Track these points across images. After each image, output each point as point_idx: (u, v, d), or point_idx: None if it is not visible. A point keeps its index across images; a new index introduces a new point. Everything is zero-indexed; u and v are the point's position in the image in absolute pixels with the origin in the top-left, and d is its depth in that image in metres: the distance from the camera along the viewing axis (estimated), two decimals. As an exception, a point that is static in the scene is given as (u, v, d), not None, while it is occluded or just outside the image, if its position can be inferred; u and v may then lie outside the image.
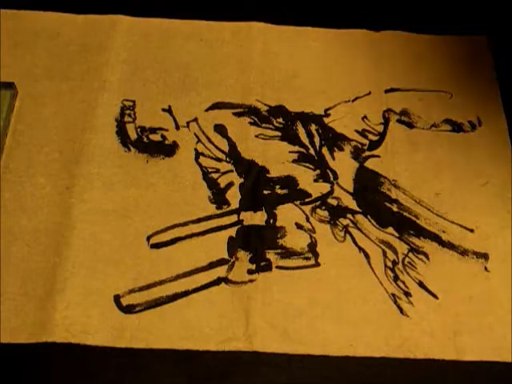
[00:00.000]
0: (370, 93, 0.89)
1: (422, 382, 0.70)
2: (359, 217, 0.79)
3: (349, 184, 0.82)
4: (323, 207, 0.80)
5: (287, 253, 0.76)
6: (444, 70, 0.91)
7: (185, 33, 0.91)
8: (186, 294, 0.72)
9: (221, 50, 0.91)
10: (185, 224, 0.77)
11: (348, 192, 0.81)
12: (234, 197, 0.80)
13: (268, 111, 0.87)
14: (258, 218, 0.78)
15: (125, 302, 0.71)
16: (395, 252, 0.77)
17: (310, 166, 0.83)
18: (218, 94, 0.87)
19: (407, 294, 0.74)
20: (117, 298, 0.72)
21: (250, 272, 0.74)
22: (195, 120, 0.86)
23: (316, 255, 0.76)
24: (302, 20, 0.94)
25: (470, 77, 0.91)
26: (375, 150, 0.85)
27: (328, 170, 0.83)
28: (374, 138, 0.86)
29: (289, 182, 0.81)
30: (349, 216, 0.79)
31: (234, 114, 0.87)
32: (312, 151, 0.84)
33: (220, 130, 0.85)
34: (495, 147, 0.85)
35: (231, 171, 0.82)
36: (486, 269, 0.76)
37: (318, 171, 0.83)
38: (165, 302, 0.72)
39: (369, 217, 0.79)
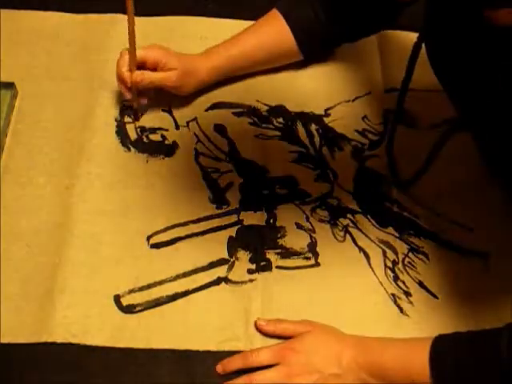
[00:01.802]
0: (370, 93, 0.90)
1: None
2: (359, 217, 0.79)
3: (349, 184, 0.82)
4: (323, 207, 0.80)
5: (287, 253, 0.76)
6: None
7: (184, 31, 0.91)
8: (185, 293, 0.72)
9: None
10: (185, 224, 0.77)
11: (348, 192, 0.81)
12: (234, 197, 0.80)
13: (268, 111, 0.87)
14: (257, 217, 0.78)
15: (125, 301, 0.71)
16: (395, 252, 0.77)
17: (310, 166, 0.83)
18: (218, 93, 0.87)
19: (407, 294, 0.74)
20: (117, 298, 0.71)
21: (250, 272, 0.74)
22: (195, 120, 0.86)
23: (316, 255, 0.76)
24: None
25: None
26: (375, 149, 0.85)
27: (328, 170, 0.83)
28: (374, 138, 0.86)
29: (289, 181, 0.81)
30: (349, 216, 0.79)
31: (234, 113, 0.87)
32: (312, 151, 0.84)
33: (220, 129, 0.85)
34: (495, 147, 0.85)
35: (231, 171, 0.82)
36: (486, 268, 0.76)
37: (318, 171, 0.83)
38: (165, 302, 0.72)
39: (369, 217, 0.79)
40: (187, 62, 0.83)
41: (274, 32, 0.86)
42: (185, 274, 0.74)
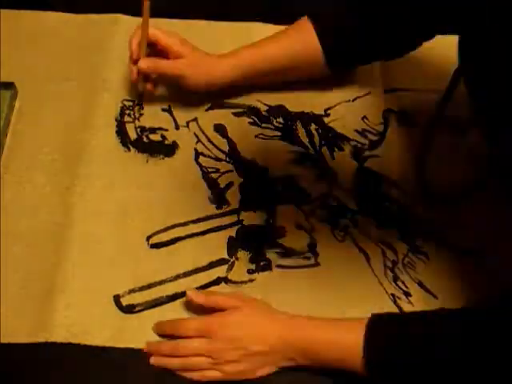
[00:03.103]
0: (369, 93, 0.90)
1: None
2: (359, 217, 0.79)
3: (349, 184, 0.82)
4: (323, 207, 0.80)
5: (287, 252, 0.76)
6: (444, 70, 0.91)
7: (184, 33, 0.91)
8: (185, 293, 0.72)
9: (221, 49, 0.91)
10: (185, 224, 0.77)
11: (348, 192, 0.81)
12: (234, 197, 0.80)
13: (268, 111, 0.87)
14: (257, 217, 0.78)
15: (125, 301, 0.71)
16: (395, 252, 0.77)
17: (310, 166, 0.83)
18: (218, 93, 0.87)
19: (407, 294, 0.74)
20: (117, 298, 0.72)
21: (249, 272, 0.74)
22: (195, 120, 0.86)
23: (316, 255, 0.76)
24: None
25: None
26: (375, 149, 0.85)
27: (328, 170, 0.83)
28: (374, 138, 0.86)
29: (289, 181, 0.81)
30: (349, 216, 0.79)
31: (234, 113, 0.87)
32: (312, 151, 0.84)
33: (220, 129, 0.85)
34: (495, 147, 0.85)
35: (231, 171, 0.82)
36: (485, 268, 0.76)
37: (317, 171, 0.83)
38: (165, 302, 0.72)
39: (369, 217, 0.79)
40: (200, 55, 0.81)
41: (299, 37, 0.81)
42: (185, 274, 0.74)
